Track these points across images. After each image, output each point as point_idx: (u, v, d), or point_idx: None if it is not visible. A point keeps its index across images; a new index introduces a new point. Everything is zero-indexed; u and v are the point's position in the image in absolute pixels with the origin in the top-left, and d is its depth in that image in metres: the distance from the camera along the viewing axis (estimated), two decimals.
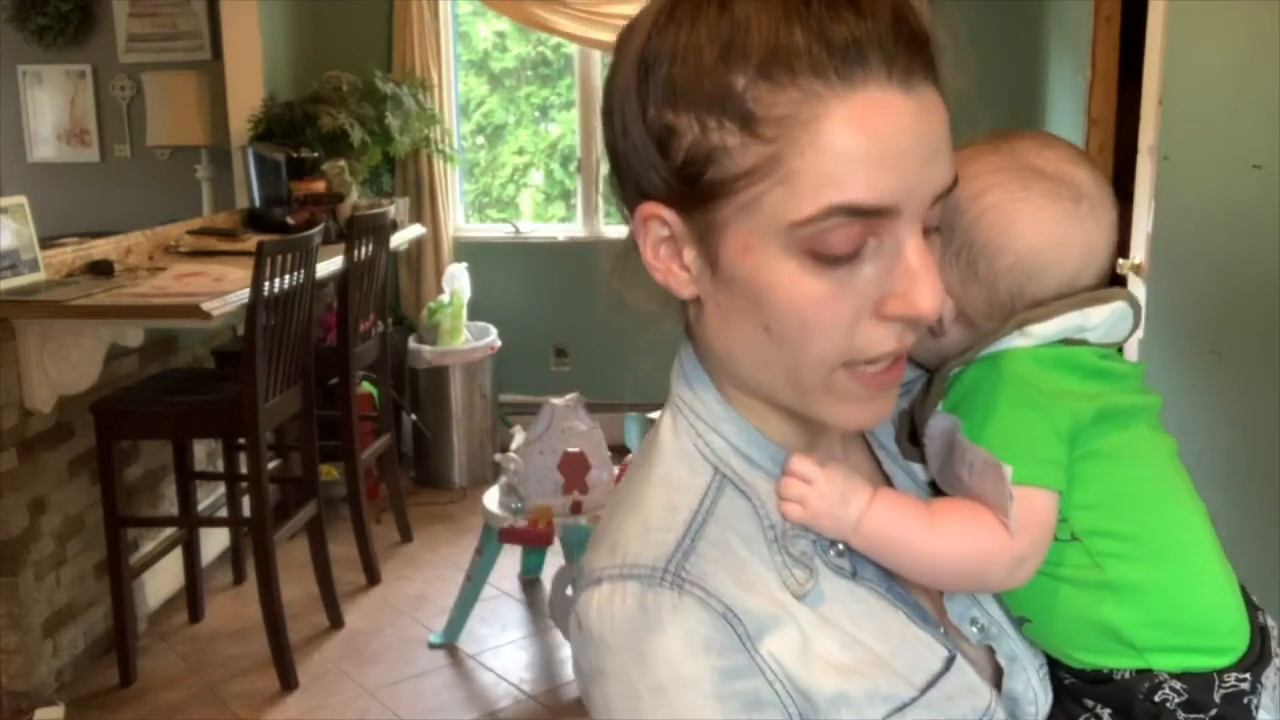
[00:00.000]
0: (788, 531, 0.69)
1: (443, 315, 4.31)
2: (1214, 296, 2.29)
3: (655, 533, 0.68)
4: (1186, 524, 0.75)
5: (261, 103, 4.22)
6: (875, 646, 0.68)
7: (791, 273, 0.62)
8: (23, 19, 4.73)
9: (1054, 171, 0.76)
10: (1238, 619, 0.75)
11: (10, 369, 2.69)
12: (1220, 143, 2.26)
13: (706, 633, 0.64)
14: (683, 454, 0.71)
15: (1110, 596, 0.72)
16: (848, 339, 0.63)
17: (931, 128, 0.61)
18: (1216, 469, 2.24)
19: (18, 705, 2.77)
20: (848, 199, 0.59)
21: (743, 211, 0.62)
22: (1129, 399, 0.75)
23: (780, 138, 0.59)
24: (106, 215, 4.30)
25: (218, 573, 3.57)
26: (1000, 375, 0.73)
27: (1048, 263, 0.75)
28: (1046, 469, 0.70)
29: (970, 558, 0.70)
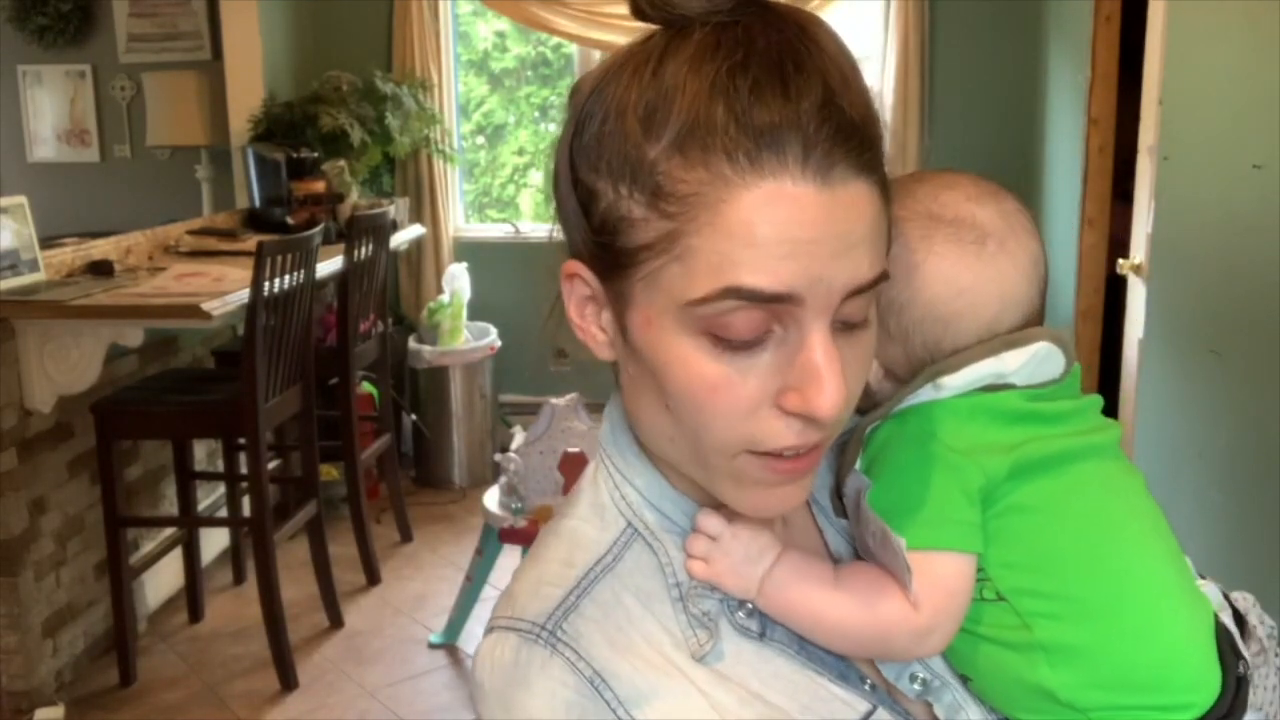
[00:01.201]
0: (693, 590, 0.68)
1: (443, 315, 4.31)
2: (1214, 296, 2.29)
3: (544, 586, 0.68)
4: (1130, 574, 0.69)
5: (261, 103, 4.23)
6: (781, 704, 0.66)
7: (689, 353, 0.60)
8: (23, 19, 4.73)
9: (952, 215, 0.71)
10: (1199, 670, 0.69)
11: (10, 369, 2.69)
12: (1220, 143, 2.26)
13: (570, 695, 0.64)
14: (597, 506, 0.71)
15: (1044, 658, 0.68)
16: (745, 427, 0.61)
17: (848, 222, 0.58)
18: (1216, 469, 2.24)
19: (18, 705, 2.77)
20: (744, 283, 0.57)
21: (645, 284, 0.61)
22: (1064, 442, 0.70)
23: (682, 215, 0.58)
24: (106, 215, 4.30)
25: (218, 573, 3.57)
26: (905, 433, 0.69)
27: (959, 312, 0.71)
28: (952, 530, 0.67)
29: (870, 628, 0.68)
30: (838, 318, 0.60)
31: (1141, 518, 0.72)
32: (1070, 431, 0.71)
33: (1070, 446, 0.70)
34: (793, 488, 0.65)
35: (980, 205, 0.72)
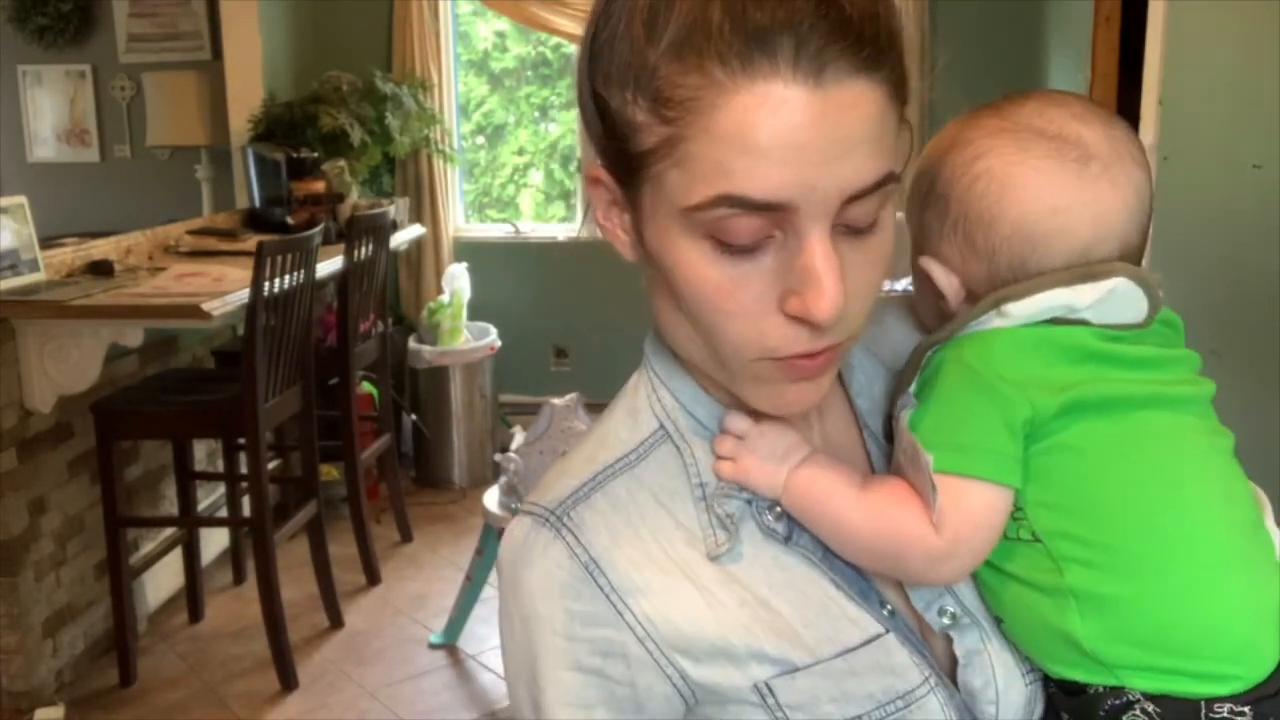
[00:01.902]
0: (719, 490, 0.69)
1: (443, 315, 4.31)
2: (1214, 296, 2.29)
3: (564, 478, 0.71)
4: (1181, 532, 0.66)
5: (261, 103, 4.22)
6: (784, 612, 0.67)
7: (693, 257, 0.61)
8: (23, 19, 4.73)
9: (1056, 131, 0.68)
10: (1247, 643, 0.65)
11: (10, 369, 2.69)
12: (1220, 143, 2.26)
13: (564, 577, 0.67)
14: (632, 410, 0.73)
15: (1074, 606, 0.65)
16: (755, 331, 0.62)
17: (844, 125, 0.57)
18: None
19: (18, 705, 2.77)
20: (736, 190, 0.58)
21: (652, 189, 0.62)
22: (1134, 388, 0.67)
23: (680, 120, 0.58)
24: (106, 215, 4.30)
25: (218, 573, 3.57)
26: (961, 358, 0.67)
27: (1050, 232, 0.68)
28: (988, 460, 0.64)
29: (885, 541, 0.67)
30: (841, 221, 0.60)
31: (1210, 479, 0.68)
32: (1145, 379, 0.68)
33: (1140, 393, 0.67)
34: (810, 385, 0.65)
35: (1087, 125, 0.69)
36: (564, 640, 0.67)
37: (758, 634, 0.67)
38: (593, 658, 0.67)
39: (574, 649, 0.67)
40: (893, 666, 0.68)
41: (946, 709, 0.68)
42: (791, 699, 0.66)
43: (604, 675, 0.67)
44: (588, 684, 0.67)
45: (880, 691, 0.67)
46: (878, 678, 0.67)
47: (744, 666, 0.66)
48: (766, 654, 0.66)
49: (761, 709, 0.67)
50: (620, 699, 0.67)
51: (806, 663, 0.67)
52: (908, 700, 0.67)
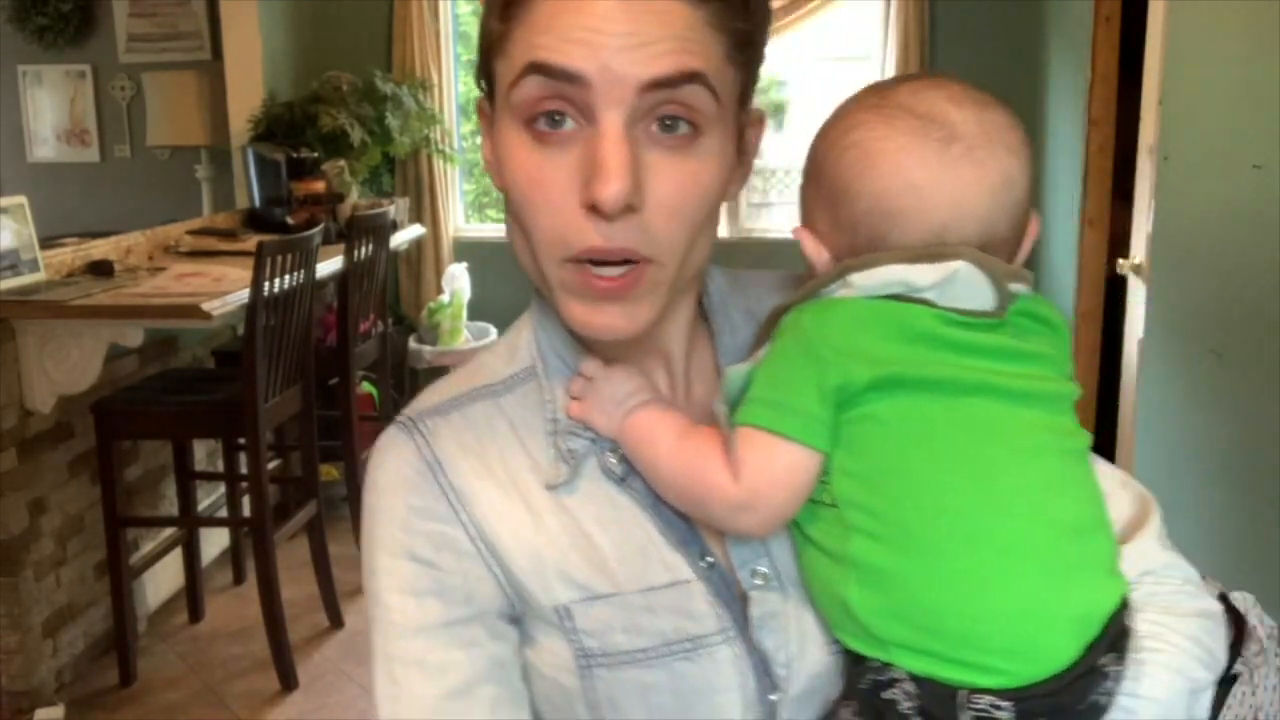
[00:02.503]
0: (568, 428, 0.73)
1: (443, 315, 4.31)
2: (1214, 296, 2.29)
3: (433, 395, 0.77)
4: (974, 521, 0.65)
5: (261, 103, 4.23)
6: (603, 546, 0.71)
7: (516, 145, 0.67)
8: (23, 19, 4.74)
9: (925, 110, 0.68)
10: (1025, 643, 0.64)
11: (10, 369, 2.69)
12: (1220, 143, 2.26)
13: (409, 474, 0.73)
14: (511, 346, 0.79)
15: (854, 575, 0.66)
16: (559, 225, 0.66)
17: (646, 24, 0.63)
18: (1216, 469, 2.24)
19: (18, 705, 2.77)
20: (539, 58, 0.64)
21: (498, 92, 0.69)
22: (962, 373, 0.66)
23: (512, 18, 0.66)
24: (106, 215, 4.30)
25: (218, 573, 3.57)
26: (799, 321, 0.68)
27: (906, 209, 0.68)
28: (794, 420, 0.66)
29: (693, 485, 0.69)
30: (647, 112, 0.64)
31: (1031, 475, 0.67)
32: (979, 367, 0.67)
33: (967, 379, 0.67)
34: (616, 311, 0.68)
35: (959, 107, 0.69)
36: (401, 531, 0.72)
37: (571, 560, 0.71)
38: (426, 549, 0.71)
39: (410, 540, 0.71)
40: (690, 611, 0.70)
41: (740, 662, 0.70)
42: (585, 625, 0.70)
43: (435, 566, 0.71)
44: (420, 573, 0.71)
45: (671, 631, 0.70)
46: (671, 618, 0.70)
47: (550, 586, 0.71)
48: (573, 579, 0.71)
49: (559, 630, 0.71)
50: (451, 588, 0.71)
51: (607, 593, 0.70)
52: (696, 644, 0.70)
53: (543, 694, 0.73)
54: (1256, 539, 2.06)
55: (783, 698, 0.71)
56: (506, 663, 0.72)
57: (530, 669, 0.73)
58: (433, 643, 0.70)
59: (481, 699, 0.70)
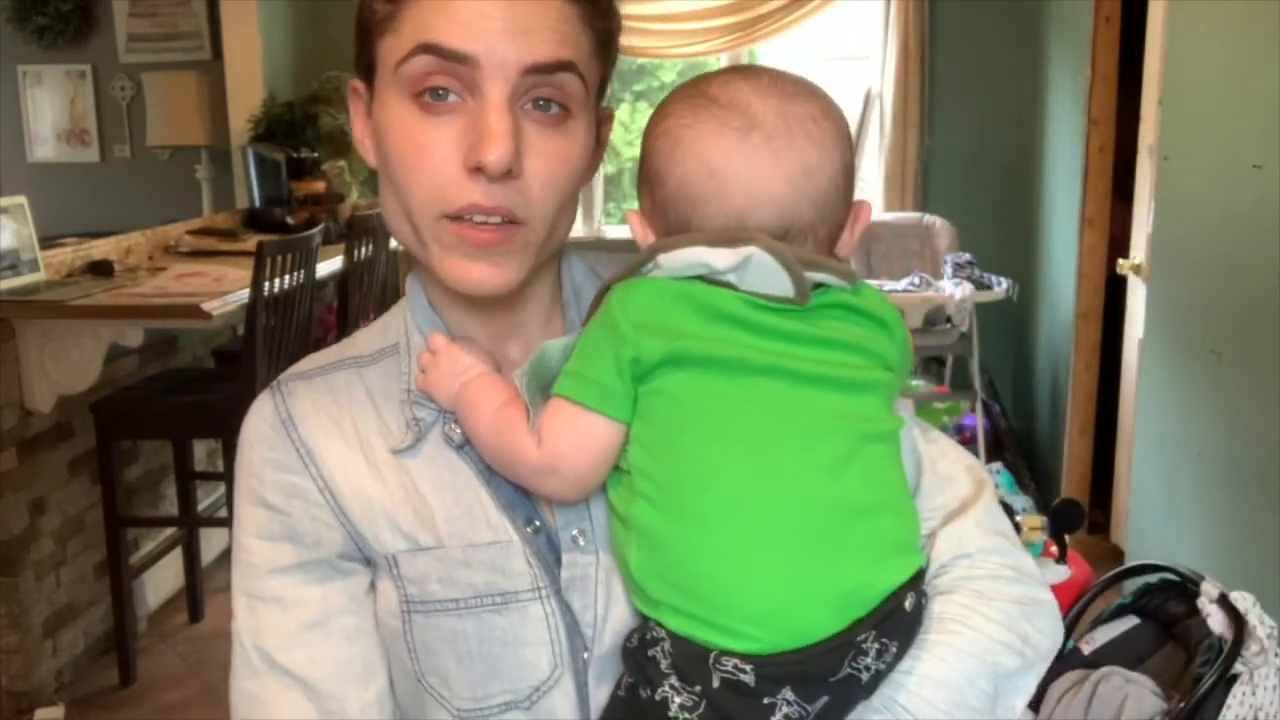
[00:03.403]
0: (417, 399, 0.79)
1: None
2: (1214, 296, 2.29)
3: (305, 363, 0.84)
4: (737, 495, 0.68)
5: (261, 103, 4.23)
6: (434, 505, 0.76)
7: (401, 116, 0.72)
8: (23, 19, 4.74)
9: (728, 100, 0.72)
10: (781, 614, 0.68)
11: (10, 369, 2.69)
12: (1220, 143, 2.26)
13: (266, 429, 0.79)
14: (383, 325, 0.85)
15: (635, 538, 0.70)
16: (440, 186, 0.71)
17: (527, 13, 0.70)
18: (1216, 469, 2.24)
19: (18, 705, 2.77)
20: (432, 39, 0.69)
21: (380, 66, 0.74)
22: (754, 354, 0.70)
23: (401, 1, 0.71)
24: (106, 215, 4.30)
25: (218, 573, 3.57)
26: (611, 299, 0.72)
27: (706, 193, 0.71)
28: (593, 391, 0.70)
29: (504, 451, 0.74)
30: (525, 92, 0.71)
31: (810, 455, 0.70)
32: (773, 349, 0.70)
33: (759, 361, 0.70)
34: (489, 265, 0.73)
35: (763, 98, 0.72)
36: (256, 481, 0.78)
37: (403, 514, 0.76)
38: (278, 497, 0.78)
39: (264, 489, 0.78)
40: (506, 569, 0.75)
41: (551, 619, 0.74)
42: (408, 573, 0.76)
43: (286, 513, 0.78)
44: (273, 519, 0.78)
45: (483, 585, 0.75)
46: (485, 574, 0.75)
47: (381, 535, 0.77)
48: (401, 530, 0.76)
49: (389, 576, 0.77)
50: (301, 533, 0.77)
51: (430, 546, 0.76)
52: (507, 599, 0.74)
53: (384, 634, 0.79)
54: (1256, 539, 2.06)
55: (590, 656, 0.75)
56: (360, 597, 0.78)
57: (374, 614, 0.79)
58: (287, 580, 0.77)
59: (339, 629, 0.77)
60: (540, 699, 0.74)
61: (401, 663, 0.77)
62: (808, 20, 4.38)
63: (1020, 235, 4.21)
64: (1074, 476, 3.68)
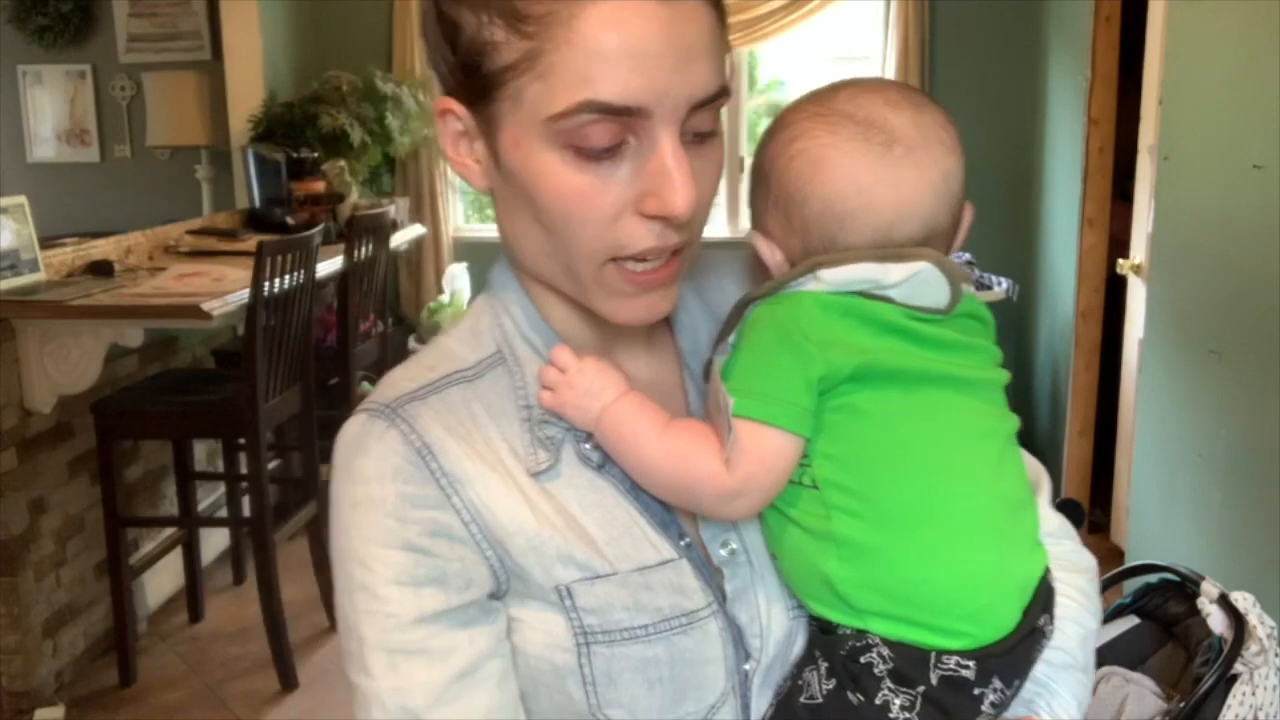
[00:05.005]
0: (541, 414, 0.74)
1: (443, 315, 4.31)
2: (1214, 296, 2.29)
3: (403, 381, 0.75)
4: (937, 501, 0.71)
5: (261, 103, 4.23)
6: (591, 529, 0.72)
7: (554, 166, 0.66)
8: (23, 19, 4.74)
9: (864, 116, 0.73)
10: (983, 608, 0.71)
11: (10, 369, 2.69)
12: (1220, 143, 2.26)
13: (398, 462, 0.71)
14: (475, 331, 0.78)
15: (834, 550, 0.71)
16: (610, 233, 0.68)
17: (687, 34, 0.64)
18: (1216, 469, 2.24)
19: (18, 705, 2.77)
20: (598, 96, 0.63)
21: (512, 105, 0.67)
22: (926, 364, 0.72)
23: (540, 34, 0.64)
24: (106, 215, 4.30)
25: (218, 573, 3.57)
26: (774, 314, 0.72)
27: (854, 210, 0.72)
28: (783, 410, 0.70)
29: (682, 475, 0.72)
30: (687, 129, 0.67)
31: (979, 456, 0.74)
32: (939, 359, 0.73)
33: (931, 370, 0.72)
34: (654, 296, 0.72)
35: (896, 111, 0.73)
36: (395, 521, 0.70)
37: (569, 541, 0.71)
38: (422, 538, 0.70)
39: (404, 529, 0.70)
40: (683, 588, 0.73)
41: (723, 634, 0.73)
42: (587, 603, 0.71)
43: (431, 554, 0.70)
44: (418, 563, 0.70)
45: (669, 607, 0.72)
46: (668, 595, 0.72)
47: (551, 567, 0.71)
48: (574, 559, 0.71)
49: (559, 609, 0.71)
50: (448, 575, 0.70)
51: (607, 573, 0.71)
52: (691, 619, 0.72)
53: (526, 673, 0.73)
54: (1256, 539, 2.06)
55: (756, 666, 0.74)
56: (503, 637, 0.73)
57: (514, 650, 0.73)
58: (434, 629, 0.70)
59: (488, 675, 0.71)
60: (714, 715, 0.73)
61: (566, 699, 0.72)
62: (808, 20, 4.39)
63: (1020, 235, 4.21)
64: (1074, 476, 3.68)
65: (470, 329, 0.79)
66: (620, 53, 0.63)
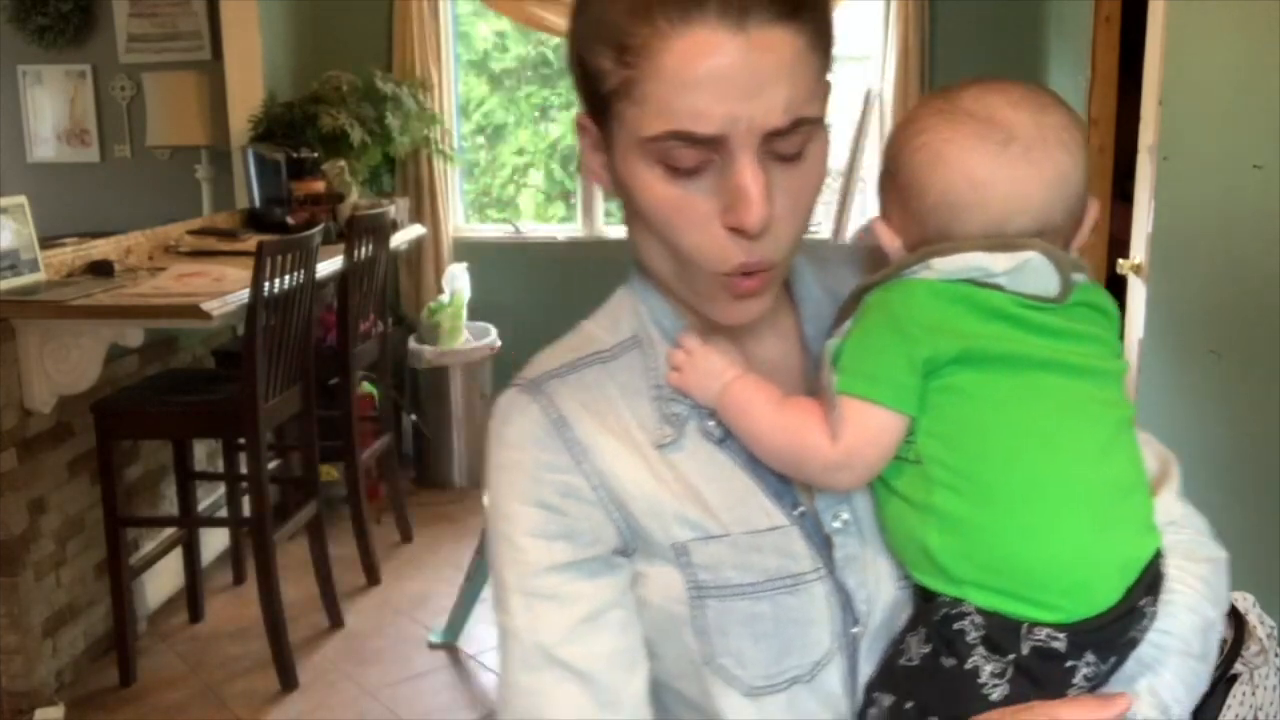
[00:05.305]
0: (669, 395, 0.83)
1: (443, 315, 4.31)
2: (1214, 296, 2.29)
3: (548, 362, 0.86)
4: (1040, 479, 0.75)
5: (261, 103, 4.22)
6: (709, 496, 0.80)
7: (651, 179, 0.75)
8: (23, 19, 4.73)
9: (986, 114, 0.77)
10: (1081, 584, 0.75)
11: (10, 369, 2.69)
12: (1220, 143, 2.26)
13: (537, 431, 0.82)
14: (613, 317, 0.88)
15: (935, 523, 0.75)
16: (705, 240, 0.75)
17: (763, 63, 0.70)
18: (1216, 469, 2.24)
19: (18, 705, 2.77)
20: (681, 128, 0.72)
21: (618, 125, 0.76)
22: (1032, 349, 0.75)
23: (636, 64, 0.72)
24: (106, 215, 4.29)
25: (218, 573, 3.57)
26: (887, 300, 0.77)
27: (969, 203, 0.76)
28: (888, 389, 0.75)
29: (791, 448, 0.78)
30: (768, 150, 0.73)
31: (1086, 439, 0.76)
32: (1046, 345, 0.76)
33: (1036, 355, 0.76)
34: (753, 303, 0.79)
35: (1017, 110, 0.77)
36: (531, 481, 0.81)
37: (685, 505, 0.80)
38: (554, 496, 0.81)
39: (539, 489, 0.81)
40: (790, 552, 0.80)
41: (830, 598, 0.80)
42: (701, 560, 0.79)
43: (563, 512, 0.81)
44: (550, 519, 0.81)
45: (775, 568, 0.79)
46: (776, 558, 0.79)
47: (669, 526, 0.80)
48: (689, 519, 0.80)
49: (675, 565, 0.80)
50: (577, 532, 0.81)
51: (719, 534, 0.79)
52: (796, 581, 0.79)
53: (651, 621, 0.82)
54: (1256, 539, 2.06)
55: (863, 631, 0.80)
56: (627, 589, 0.82)
57: (640, 602, 0.82)
58: (564, 577, 0.80)
59: (611, 621, 0.81)
60: (819, 673, 0.80)
61: (684, 647, 0.80)
62: None
63: None
64: None
65: (610, 316, 0.89)
66: (697, 83, 0.70)
